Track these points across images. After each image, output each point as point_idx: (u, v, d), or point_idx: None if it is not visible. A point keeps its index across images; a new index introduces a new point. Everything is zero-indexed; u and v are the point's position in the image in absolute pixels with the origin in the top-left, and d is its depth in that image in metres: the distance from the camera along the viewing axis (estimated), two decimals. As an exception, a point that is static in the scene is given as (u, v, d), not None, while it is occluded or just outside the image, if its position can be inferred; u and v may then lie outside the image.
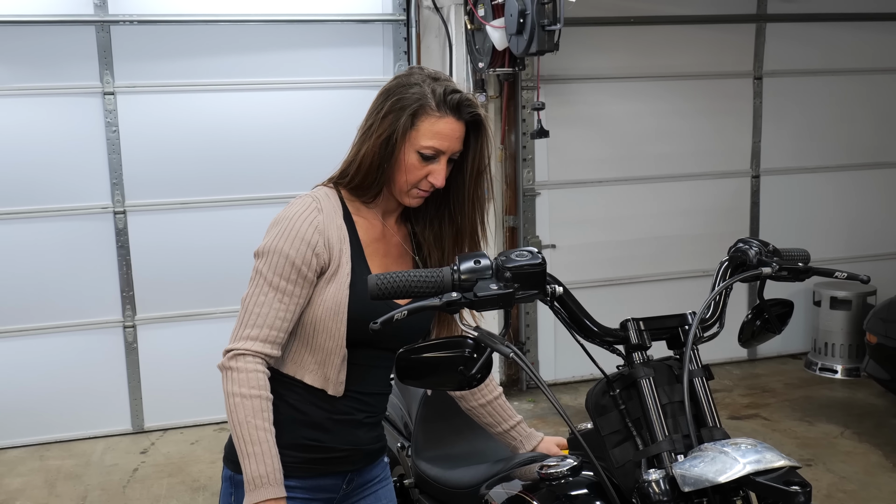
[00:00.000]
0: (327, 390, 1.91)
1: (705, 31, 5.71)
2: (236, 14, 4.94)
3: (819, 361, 5.90)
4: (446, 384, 1.61)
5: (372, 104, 1.94)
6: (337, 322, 1.86)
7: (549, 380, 5.70)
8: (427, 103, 1.86)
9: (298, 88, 5.10)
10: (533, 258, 1.57)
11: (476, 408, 2.18)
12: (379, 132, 1.88)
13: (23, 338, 4.90)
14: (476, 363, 1.56)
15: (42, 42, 4.71)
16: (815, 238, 6.10)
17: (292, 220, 1.88)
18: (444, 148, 1.88)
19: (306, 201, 1.91)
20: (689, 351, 1.63)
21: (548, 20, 4.15)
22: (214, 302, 5.12)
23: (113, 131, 4.86)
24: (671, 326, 1.70)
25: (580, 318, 1.68)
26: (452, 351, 1.56)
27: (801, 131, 6.05)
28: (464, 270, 1.54)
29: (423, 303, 1.52)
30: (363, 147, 1.91)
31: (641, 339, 1.65)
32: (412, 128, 1.86)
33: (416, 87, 1.88)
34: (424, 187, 1.91)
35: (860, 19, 5.95)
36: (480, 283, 1.53)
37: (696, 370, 1.65)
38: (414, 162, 1.88)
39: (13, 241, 4.83)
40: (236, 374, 1.83)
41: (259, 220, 5.03)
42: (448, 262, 1.99)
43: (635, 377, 1.62)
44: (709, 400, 1.62)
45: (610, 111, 5.62)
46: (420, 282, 1.55)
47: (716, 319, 1.77)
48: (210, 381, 5.08)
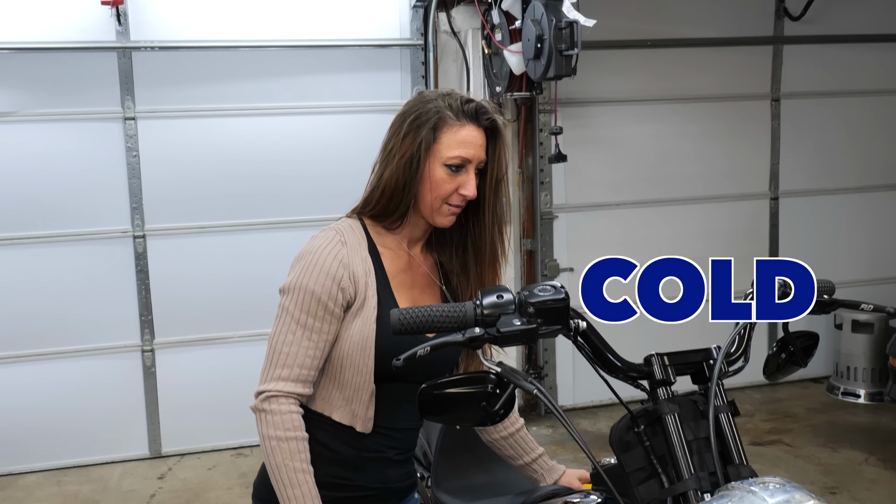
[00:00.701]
0: (356, 427, 1.90)
1: (722, 53, 5.70)
2: (256, 40, 4.98)
3: (841, 386, 5.84)
4: (469, 420, 1.60)
5: (389, 130, 1.94)
6: (364, 357, 1.85)
7: (568, 405, 5.67)
8: (446, 115, 1.86)
9: (317, 113, 5.13)
10: (556, 293, 1.55)
11: (497, 440, 2.17)
12: (401, 153, 1.87)
13: (41, 362, 4.92)
14: (499, 399, 1.55)
15: (65, 68, 4.76)
16: (835, 260, 6.06)
17: (316, 254, 1.87)
18: (470, 156, 1.87)
19: (329, 235, 1.91)
20: (715, 386, 1.61)
21: (565, 45, 4.15)
22: (233, 326, 5.13)
23: (133, 156, 4.90)
24: (696, 361, 1.68)
25: (603, 353, 1.67)
26: (475, 387, 1.55)
27: (820, 153, 6.01)
28: (486, 305, 1.53)
29: (445, 338, 1.51)
30: (385, 171, 1.90)
31: (666, 375, 1.63)
32: (435, 141, 1.86)
33: (431, 104, 1.88)
34: (456, 201, 1.89)
35: (878, 40, 5.92)
36: (503, 319, 1.52)
37: (721, 406, 1.62)
38: (442, 176, 1.86)
39: (34, 265, 4.86)
40: (270, 416, 1.82)
41: (278, 245, 5.11)
42: (476, 288, 1.98)
43: (660, 413, 1.60)
44: (735, 437, 1.60)
45: (627, 134, 5.62)
46: (443, 317, 1.53)
47: (741, 353, 1.75)
48: (228, 406, 5.11)
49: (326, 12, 5.05)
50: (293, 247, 5.41)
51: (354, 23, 5.11)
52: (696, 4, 5.62)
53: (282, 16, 5.00)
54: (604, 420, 5.45)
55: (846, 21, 5.84)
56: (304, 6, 5.02)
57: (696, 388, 1.70)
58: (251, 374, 5.36)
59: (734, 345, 1.75)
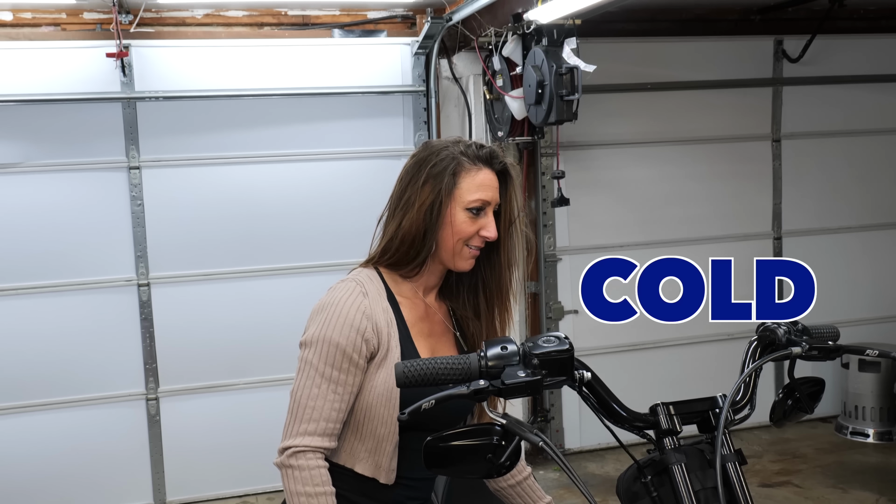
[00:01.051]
0: (379, 479, 1.89)
1: (722, 95, 5.75)
2: (258, 88, 5.03)
3: (850, 425, 5.80)
4: (475, 472, 1.59)
5: (401, 181, 1.98)
6: (389, 408, 1.85)
7: (575, 448, 5.63)
8: (462, 161, 1.91)
9: (320, 160, 5.16)
10: (560, 344, 1.56)
11: (505, 488, 2.16)
12: (421, 200, 1.91)
13: (46, 412, 4.90)
14: (505, 451, 1.55)
15: (70, 119, 4.81)
16: (839, 299, 6.05)
17: (338, 306, 1.87)
18: (489, 198, 1.92)
19: (349, 286, 1.91)
20: (721, 435, 1.61)
21: (566, 90, 4.19)
22: (238, 373, 5.12)
23: (138, 205, 4.93)
24: (701, 410, 1.68)
25: (609, 403, 1.66)
26: (481, 439, 1.55)
27: (822, 192, 6.03)
28: (491, 357, 1.53)
29: (450, 391, 1.51)
30: (404, 220, 1.93)
31: (672, 424, 1.63)
32: (455, 187, 1.90)
33: (444, 151, 1.93)
34: (476, 243, 1.93)
35: (875, 81, 5.96)
36: (508, 370, 1.52)
37: (728, 455, 1.62)
38: (464, 220, 1.90)
39: (39, 314, 4.86)
40: (298, 472, 1.81)
41: (282, 291, 5.12)
42: (491, 331, 2.01)
43: (667, 463, 1.59)
44: (743, 485, 1.59)
45: (630, 176, 5.64)
46: (447, 369, 1.54)
47: (746, 401, 1.75)
48: (233, 454, 5.09)
49: (328, 60, 5.11)
50: (297, 293, 5.47)
51: (357, 70, 5.16)
52: (694, 48, 5.68)
53: (284, 64, 5.06)
54: (611, 463, 5.40)
55: (843, 62, 5.90)
56: (306, 54, 5.08)
57: (704, 437, 1.70)
58: (256, 422, 5.39)
59: (740, 393, 1.75)
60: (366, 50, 5.19)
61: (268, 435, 5.10)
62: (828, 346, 1.80)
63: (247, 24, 5.11)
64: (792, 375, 1.88)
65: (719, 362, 5.68)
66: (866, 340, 5.83)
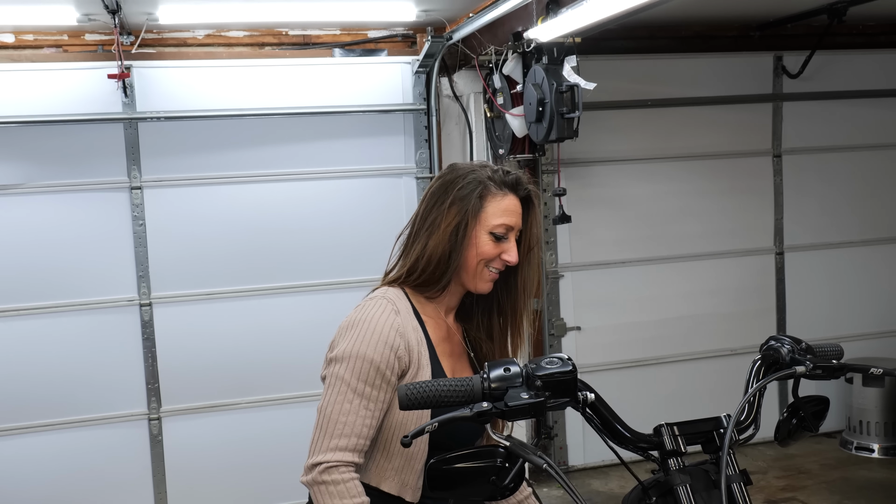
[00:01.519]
0: (405, 497, 1.90)
1: (722, 111, 5.76)
2: (260, 108, 5.04)
3: (854, 440, 5.77)
4: (478, 495, 1.59)
5: (426, 202, 2.00)
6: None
7: (579, 465, 5.61)
8: (489, 185, 1.94)
9: (322, 178, 5.17)
10: (563, 365, 1.55)
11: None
12: (447, 221, 1.93)
13: (48, 433, 4.89)
14: (508, 473, 1.54)
15: (72, 140, 4.82)
16: (843, 313, 6.05)
17: (371, 322, 1.88)
18: (513, 224, 1.96)
19: (381, 304, 1.92)
20: (726, 456, 1.60)
21: (567, 108, 4.20)
22: (240, 392, 5.11)
23: (140, 225, 4.93)
24: (706, 430, 1.67)
25: (612, 424, 1.66)
26: (484, 461, 1.55)
27: (824, 207, 6.03)
28: (494, 379, 1.53)
29: (453, 414, 1.51)
30: (430, 240, 1.95)
31: (676, 445, 1.62)
32: (481, 210, 1.93)
33: (471, 175, 1.96)
34: (497, 266, 1.97)
35: (875, 96, 5.97)
36: (511, 392, 1.52)
37: (733, 475, 1.61)
38: (488, 242, 1.94)
39: (41, 335, 4.86)
40: (333, 487, 1.80)
41: (284, 310, 5.12)
42: (503, 353, 2.06)
43: (672, 484, 1.58)
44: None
45: (631, 192, 5.65)
46: (450, 391, 1.53)
47: (751, 421, 1.74)
48: (236, 474, 5.07)
49: (329, 79, 5.13)
50: (299, 311, 5.47)
51: (358, 89, 5.18)
52: (694, 64, 5.69)
53: (285, 83, 5.07)
54: (615, 480, 5.38)
55: (843, 77, 5.91)
56: (307, 74, 5.10)
57: (708, 458, 1.69)
58: (260, 441, 5.38)
59: (744, 412, 1.74)
60: (367, 69, 5.21)
61: (271, 454, 5.11)
62: (832, 365, 1.79)
63: (248, 44, 5.13)
64: (796, 394, 1.87)
65: (723, 378, 5.67)
66: (869, 355, 5.82)
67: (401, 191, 5.28)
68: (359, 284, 5.19)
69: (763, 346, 1.86)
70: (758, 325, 5.78)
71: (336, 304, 5.17)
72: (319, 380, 1.98)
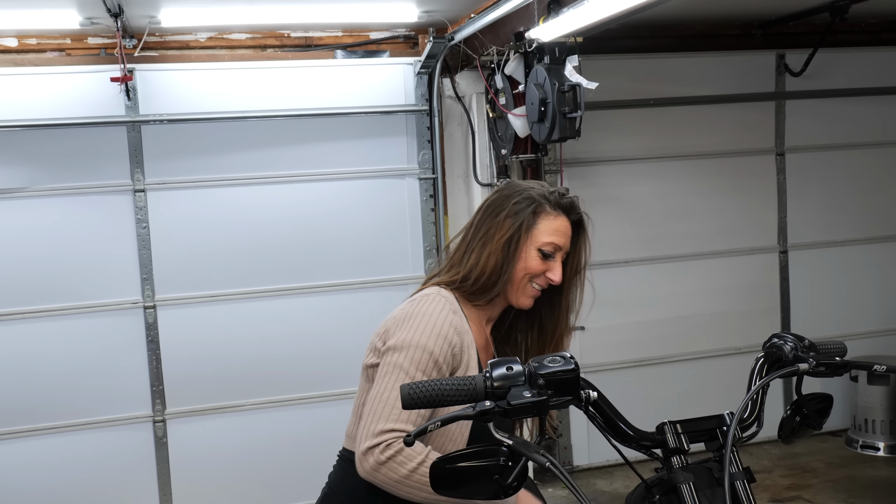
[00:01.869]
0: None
1: (725, 110, 5.75)
2: (263, 109, 5.05)
3: (860, 438, 5.76)
4: (482, 494, 1.58)
5: (482, 213, 2.07)
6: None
7: (584, 465, 5.60)
8: (544, 203, 2.01)
9: (325, 179, 5.17)
10: (566, 363, 1.55)
11: None
12: (501, 233, 1.99)
13: (52, 436, 4.90)
14: (511, 472, 1.54)
15: (75, 143, 4.83)
16: (846, 311, 6.04)
17: (431, 317, 1.93)
18: (561, 244, 2.02)
19: (440, 301, 1.98)
20: (729, 453, 1.60)
21: (569, 108, 4.20)
22: (245, 394, 5.12)
23: (143, 227, 4.94)
24: (709, 428, 1.67)
25: (615, 423, 1.66)
26: (487, 460, 1.54)
27: (827, 205, 6.03)
28: (496, 377, 1.53)
29: (456, 413, 1.51)
30: (484, 252, 2.01)
31: (679, 443, 1.62)
32: (534, 226, 1.99)
33: (527, 192, 2.03)
34: (540, 283, 2.02)
35: (877, 93, 5.97)
36: (514, 391, 1.52)
37: (737, 473, 1.61)
38: (535, 258, 2.00)
39: (45, 338, 4.87)
40: (399, 455, 1.83)
41: (289, 311, 5.13)
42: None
43: (675, 482, 1.58)
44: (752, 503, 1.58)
45: (634, 192, 5.64)
46: (452, 390, 1.53)
47: (754, 419, 1.74)
48: (241, 476, 5.08)
49: (332, 81, 5.14)
50: (304, 313, 5.47)
51: (360, 90, 5.18)
52: (696, 63, 5.69)
53: (287, 85, 5.08)
54: (620, 480, 5.38)
55: (846, 75, 5.90)
56: (310, 75, 5.11)
57: (712, 455, 1.69)
58: (265, 443, 5.37)
59: (747, 410, 1.74)
60: (369, 70, 5.21)
61: (277, 456, 5.11)
62: (835, 362, 1.79)
63: (250, 46, 5.14)
64: (800, 392, 1.87)
65: (727, 377, 5.66)
66: (873, 353, 5.81)
67: (403, 192, 5.29)
68: (363, 286, 5.20)
69: (766, 343, 1.86)
70: (762, 323, 5.77)
71: (340, 306, 5.19)
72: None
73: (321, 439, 5.07)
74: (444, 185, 5.37)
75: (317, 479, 4.51)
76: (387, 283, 5.24)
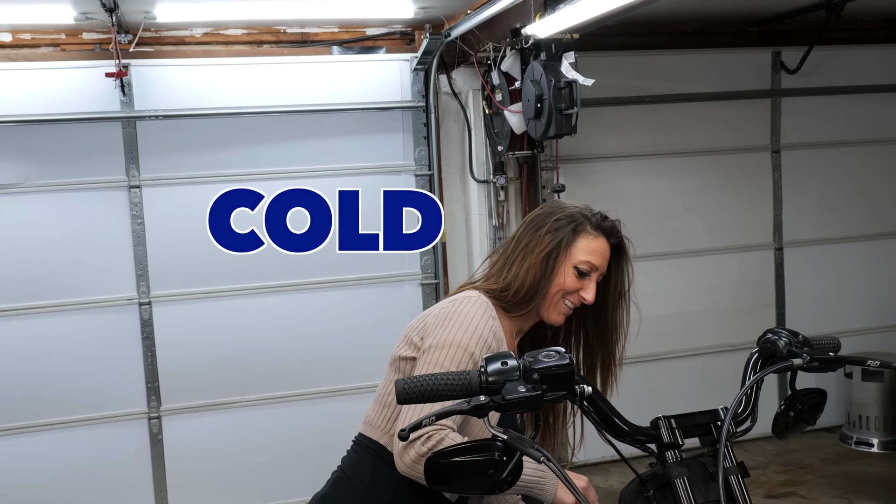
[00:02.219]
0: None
1: (721, 107, 5.76)
2: (258, 106, 5.04)
3: (854, 435, 5.78)
4: (476, 489, 1.59)
5: (525, 226, 2.12)
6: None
7: (579, 461, 5.59)
8: (584, 223, 2.05)
9: (321, 176, 5.16)
10: (561, 358, 1.55)
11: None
12: (541, 247, 2.04)
13: (47, 432, 4.89)
14: (506, 467, 1.54)
15: (70, 139, 4.82)
16: (842, 309, 6.05)
17: (472, 318, 1.97)
18: (598, 265, 2.05)
19: (482, 305, 2.01)
20: (724, 448, 1.60)
21: (565, 104, 4.20)
22: (241, 391, 5.11)
23: (138, 223, 4.93)
24: (703, 423, 1.67)
25: (610, 417, 1.66)
26: (482, 454, 1.54)
27: (823, 202, 6.03)
28: (491, 372, 1.53)
29: (450, 407, 1.51)
30: (525, 263, 2.05)
31: (674, 438, 1.63)
32: (573, 243, 2.03)
33: (569, 210, 2.08)
34: (574, 301, 2.06)
35: (873, 91, 5.97)
36: (508, 386, 1.52)
37: (731, 468, 1.61)
38: (571, 276, 2.04)
39: (40, 334, 4.86)
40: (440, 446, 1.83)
41: (284, 308, 5.12)
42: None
43: (669, 477, 1.59)
44: (745, 499, 1.59)
45: (630, 189, 5.64)
46: (447, 385, 1.53)
47: (748, 414, 1.74)
48: (237, 472, 5.07)
49: (328, 77, 5.13)
50: (299, 309, 5.46)
51: (356, 86, 5.18)
52: (693, 60, 5.69)
53: (283, 81, 5.07)
54: (615, 476, 5.38)
55: (842, 73, 5.91)
56: (306, 71, 5.10)
57: (706, 450, 1.69)
58: (260, 439, 5.37)
59: (741, 405, 1.74)
60: (365, 66, 5.20)
61: (272, 452, 5.11)
62: (829, 358, 1.80)
63: (246, 42, 5.13)
64: (794, 387, 1.87)
65: (723, 374, 5.65)
66: (868, 350, 5.82)
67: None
68: (357, 282, 5.20)
69: (760, 339, 1.86)
70: (757, 320, 5.77)
71: (334, 302, 5.18)
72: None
73: (317, 436, 5.08)
74: (441, 182, 5.37)
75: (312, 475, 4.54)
76: (382, 279, 5.24)
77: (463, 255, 5.45)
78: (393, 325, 5.24)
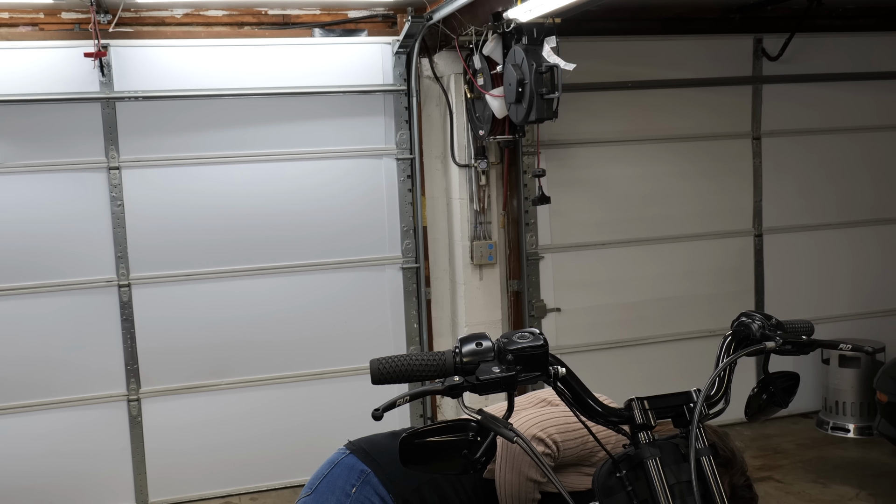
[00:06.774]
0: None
1: (702, 93, 5.77)
2: (239, 88, 5.01)
3: (830, 420, 5.84)
4: (450, 469, 1.60)
5: None
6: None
7: (558, 445, 5.63)
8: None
9: (302, 159, 5.15)
10: (535, 339, 1.56)
11: None
12: None
13: (25, 414, 4.87)
14: (480, 447, 1.55)
15: (49, 120, 4.78)
16: (820, 295, 6.10)
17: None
18: None
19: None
20: (696, 430, 1.62)
21: (546, 89, 4.20)
22: (220, 373, 5.11)
23: (118, 205, 4.90)
24: (676, 405, 1.69)
25: (584, 398, 1.67)
26: (456, 435, 1.55)
27: (802, 189, 6.07)
28: (466, 353, 1.54)
29: (425, 388, 1.52)
30: None
31: (646, 419, 1.64)
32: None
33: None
34: None
35: (853, 79, 6.01)
36: (482, 366, 1.53)
37: (703, 449, 1.63)
38: None
39: (18, 316, 4.84)
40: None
41: (264, 291, 5.12)
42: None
43: (642, 458, 1.60)
44: (716, 479, 1.60)
45: (611, 174, 5.66)
46: (421, 365, 1.54)
47: (721, 396, 1.76)
48: (216, 454, 5.08)
49: (309, 59, 5.11)
50: (279, 293, 5.45)
51: (338, 69, 5.16)
52: (674, 46, 5.70)
53: (264, 63, 5.04)
54: (594, 461, 5.41)
55: (822, 60, 5.94)
56: (287, 54, 5.07)
57: (679, 431, 1.70)
58: (239, 422, 5.36)
59: (714, 387, 1.76)
60: (346, 49, 5.18)
61: (251, 435, 5.11)
62: (801, 341, 1.82)
63: (227, 23, 5.09)
64: (766, 370, 1.89)
65: (702, 359, 5.69)
66: (846, 336, 5.87)
67: (381, 172, 5.28)
68: (338, 266, 5.19)
69: (734, 322, 1.88)
70: (736, 306, 5.76)
71: (315, 286, 5.18)
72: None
73: (297, 419, 5.08)
74: (422, 166, 5.36)
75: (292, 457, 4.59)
76: (364, 263, 5.24)
77: (444, 239, 5.45)
78: (373, 309, 5.26)
